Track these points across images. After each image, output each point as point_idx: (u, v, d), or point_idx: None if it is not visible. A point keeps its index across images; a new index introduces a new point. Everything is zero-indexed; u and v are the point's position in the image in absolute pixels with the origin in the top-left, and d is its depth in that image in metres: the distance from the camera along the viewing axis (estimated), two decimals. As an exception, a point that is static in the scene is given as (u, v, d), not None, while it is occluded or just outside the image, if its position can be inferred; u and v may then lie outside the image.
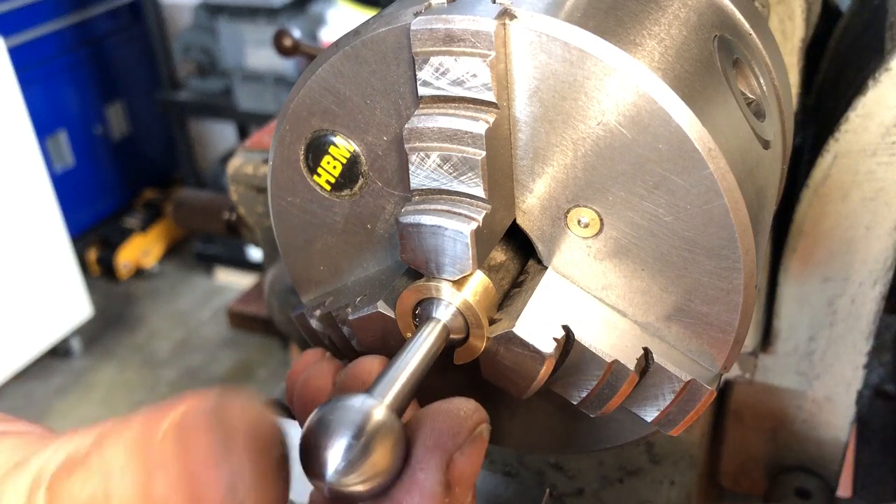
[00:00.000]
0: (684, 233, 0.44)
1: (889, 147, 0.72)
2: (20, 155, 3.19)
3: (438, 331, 0.45)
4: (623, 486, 0.84)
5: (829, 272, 0.79)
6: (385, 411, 0.38)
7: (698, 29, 0.49)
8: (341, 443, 0.36)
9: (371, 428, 0.37)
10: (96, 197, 4.25)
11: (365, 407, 0.38)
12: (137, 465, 0.34)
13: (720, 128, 0.44)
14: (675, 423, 0.49)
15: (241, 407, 0.35)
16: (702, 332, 0.47)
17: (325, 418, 0.37)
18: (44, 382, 3.55)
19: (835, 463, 0.90)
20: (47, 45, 3.82)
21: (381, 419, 0.38)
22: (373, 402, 0.38)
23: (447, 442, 0.39)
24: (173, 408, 0.35)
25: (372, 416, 0.37)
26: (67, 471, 0.35)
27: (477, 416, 0.41)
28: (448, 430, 0.39)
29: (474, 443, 0.40)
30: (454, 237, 0.44)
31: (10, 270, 3.18)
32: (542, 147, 0.45)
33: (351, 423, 0.37)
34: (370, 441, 0.37)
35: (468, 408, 0.41)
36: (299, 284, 0.57)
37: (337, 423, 0.37)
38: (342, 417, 0.37)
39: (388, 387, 0.41)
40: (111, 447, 0.35)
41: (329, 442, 0.36)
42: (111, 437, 0.35)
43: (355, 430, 0.37)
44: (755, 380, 0.87)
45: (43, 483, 0.35)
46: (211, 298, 4.06)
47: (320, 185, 0.52)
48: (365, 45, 0.46)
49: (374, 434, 0.37)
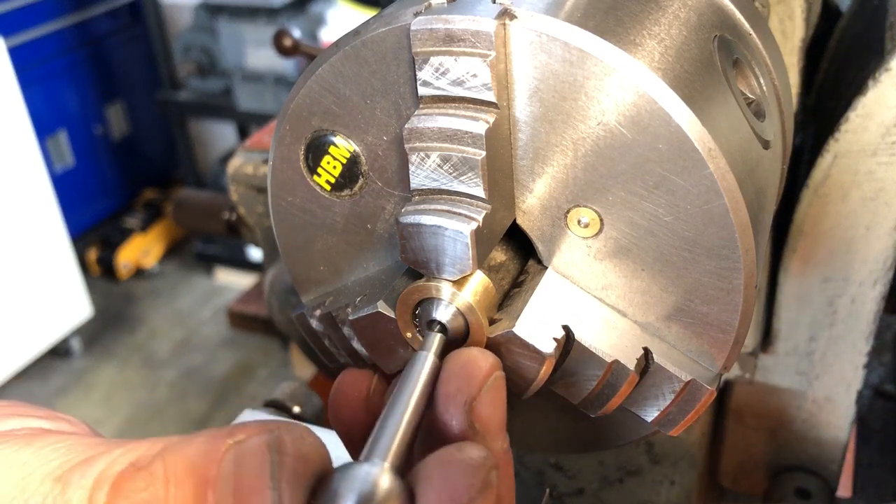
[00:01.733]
0: (684, 233, 0.44)
1: (889, 147, 0.72)
2: (20, 155, 3.19)
3: (430, 366, 0.45)
4: (623, 486, 0.84)
5: (829, 272, 0.79)
6: (389, 477, 0.38)
7: (698, 29, 0.49)
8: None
9: (380, 497, 0.37)
10: (96, 197, 4.25)
11: (371, 476, 0.38)
12: (196, 477, 0.37)
13: (720, 128, 0.44)
14: (675, 423, 0.49)
15: (295, 438, 0.39)
16: (702, 332, 0.47)
17: (333, 489, 0.38)
18: (44, 382, 3.55)
19: (835, 463, 0.90)
20: (47, 45, 3.82)
21: (387, 486, 0.38)
22: (376, 469, 0.38)
23: (462, 496, 0.38)
24: (237, 432, 0.39)
25: (379, 485, 0.38)
26: (132, 474, 0.38)
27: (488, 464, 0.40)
28: (462, 482, 0.39)
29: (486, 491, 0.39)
30: (454, 237, 0.44)
31: (10, 270, 3.18)
32: (542, 147, 0.45)
33: (359, 494, 0.37)
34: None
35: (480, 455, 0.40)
36: (299, 284, 0.57)
37: (345, 493, 0.37)
38: (350, 488, 0.37)
39: (388, 444, 0.40)
40: (174, 458, 0.38)
41: None
42: (175, 450, 0.38)
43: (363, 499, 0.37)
44: (755, 380, 0.87)
45: (107, 483, 0.38)
46: (211, 298, 4.06)
47: (320, 185, 0.52)
48: (365, 45, 0.46)
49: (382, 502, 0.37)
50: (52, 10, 3.85)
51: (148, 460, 0.39)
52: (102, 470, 0.38)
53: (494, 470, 0.40)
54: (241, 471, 0.37)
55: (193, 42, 3.73)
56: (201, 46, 3.72)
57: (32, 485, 0.38)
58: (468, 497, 0.38)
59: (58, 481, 0.38)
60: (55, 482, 0.38)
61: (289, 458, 0.38)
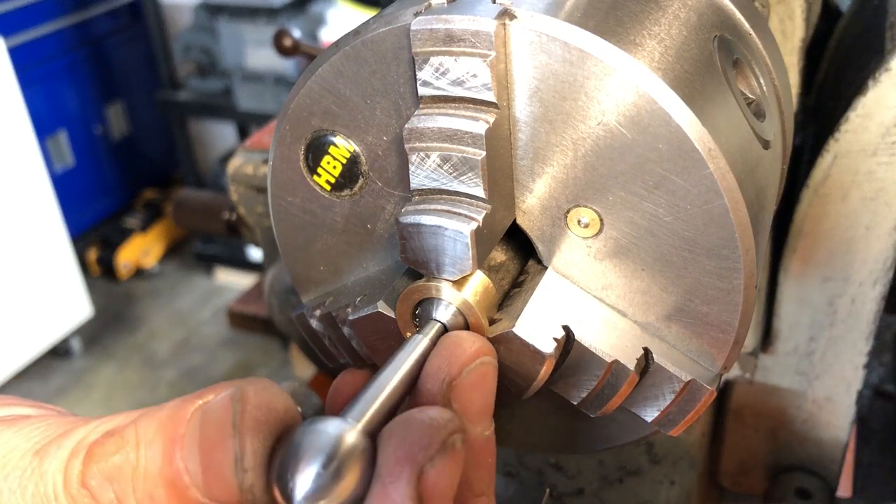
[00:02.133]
0: (684, 233, 0.44)
1: (889, 147, 0.72)
2: (20, 155, 3.19)
3: (421, 350, 0.45)
4: (623, 486, 0.84)
5: (829, 272, 0.79)
6: (356, 435, 0.38)
7: (698, 29, 0.49)
8: (311, 469, 0.36)
9: (342, 453, 0.37)
10: (96, 197, 4.25)
11: (337, 431, 0.37)
12: (165, 437, 0.39)
13: (720, 128, 0.44)
14: (675, 423, 0.49)
15: (258, 389, 0.40)
16: (702, 332, 0.47)
17: (295, 442, 0.37)
18: (44, 382, 3.55)
19: (835, 463, 0.90)
20: (47, 45, 3.82)
21: (351, 443, 0.37)
22: (346, 426, 0.38)
23: (417, 454, 0.38)
24: (206, 393, 0.40)
25: (343, 441, 0.37)
26: (104, 440, 0.40)
27: (450, 426, 0.40)
28: (419, 440, 0.38)
29: (446, 453, 0.39)
30: (454, 237, 0.44)
31: (10, 270, 3.18)
32: (542, 147, 0.45)
33: (321, 450, 0.36)
34: (340, 466, 0.36)
35: (441, 417, 0.40)
36: (299, 284, 0.57)
37: (307, 448, 0.37)
38: (313, 442, 0.37)
39: (365, 408, 0.40)
40: (145, 422, 0.40)
41: (298, 468, 0.36)
42: (147, 415, 0.40)
43: (325, 456, 0.36)
44: (755, 380, 0.87)
45: (82, 451, 0.39)
46: (211, 298, 4.06)
47: (320, 185, 0.52)
48: (365, 45, 0.46)
49: (344, 459, 0.37)
50: (52, 10, 3.85)
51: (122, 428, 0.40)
52: (79, 440, 0.40)
53: (458, 434, 0.40)
54: (205, 426, 0.38)
55: (193, 42, 3.73)
56: (201, 46, 3.72)
57: (13, 461, 0.40)
58: (424, 455, 0.38)
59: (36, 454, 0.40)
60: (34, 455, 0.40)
61: (250, 406, 0.39)
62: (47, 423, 0.42)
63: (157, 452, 0.38)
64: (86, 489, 0.38)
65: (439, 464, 0.38)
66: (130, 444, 0.39)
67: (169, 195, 4.40)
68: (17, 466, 0.39)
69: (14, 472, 0.39)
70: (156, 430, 0.39)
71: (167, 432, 0.39)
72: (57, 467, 0.39)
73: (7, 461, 0.40)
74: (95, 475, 0.38)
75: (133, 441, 0.39)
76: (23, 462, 0.39)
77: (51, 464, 0.39)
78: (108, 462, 0.39)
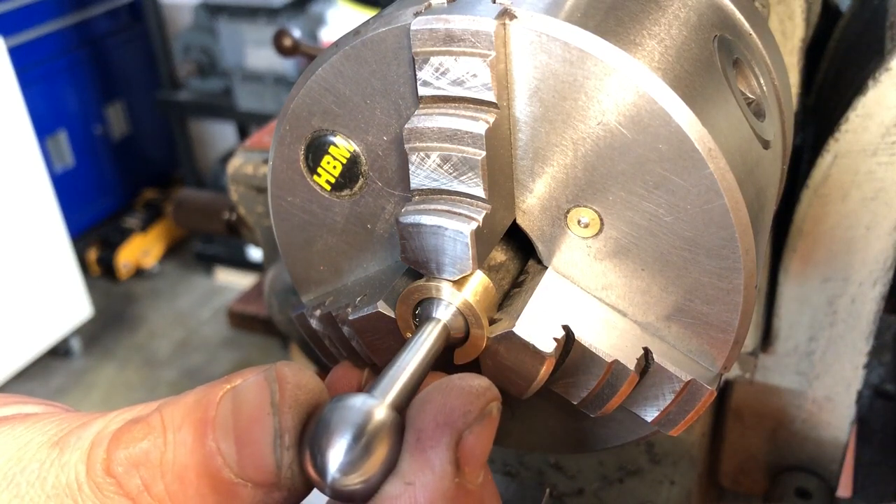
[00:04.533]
0: (684, 233, 0.44)
1: (889, 147, 0.72)
2: (20, 155, 3.19)
3: (439, 330, 0.45)
4: (623, 486, 0.84)
5: (829, 272, 0.79)
6: (386, 410, 0.38)
7: (698, 29, 0.49)
8: (343, 443, 0.37)
9: (372, 427, 0.37)
10: (96, 197, 4.26)
11: (366, 406, 0.38)
12: (194, 421, 0.39)
13: (720, 128, 0.44)
14: (676, 423, 0.49)
15: (294, 370, 0.40)
16: (702, 332, 0.47)
17: (325, 418, 0.38)
18: (44, 382, 3.55)
19: (835, 463, 0.90)
20: (47, 45, 3.83)
21: (382, 417, 0.38)
22: (374, 402, 0.38)
23: (457, 420, 0.38)
24: (234, 378, 0.41)
25: (373, 416, 0.38)
26: (129, 427, 0.40)
27: (489, 394, 0.40)
28: (459, 407, 0.39)
29: (484, 421, 0.39)
30: (454, 237, 0.44)
31: (10, 270, 3.18)
32: (542, 147, 0.45)
33: (353, 424, 0.37)
34: (371, 440, 0.37)
35: (480, 385, 0.40)
36: (299, 284, 0.57)
37: (338, 423, 0.37)
38: (344, 417, 0.37)
39: (390, 385, 0.41)
40: (170, 409, 0.40)
41: (331, 442, 0.37)
42: (172, 402, 0.40)
43: (356, 430, 0.37)
44: (755, 380, 0.87)
45: (105, 439, 0.39)
46: (211, 298, 4.06)
47: (320, 185, 0.52)
48: (365, 45, 0.46)
49: (375, 433, 0.37)
50: (52, 10, 3.86)
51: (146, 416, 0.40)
52: (99, 430, 0.40)
53: (496, 402, 0.40)
54: (240, 406, 0.38)
55: (193, 42, 3.73)
56: (201, 46, 3.72)
57: (29, 453, 0.39)
58: (464, 422, 0.38)
59: (55, 446, 0.39)
60: (52, 447, 0.39)
61: (289, 385, 0.39)
62: (60, 418, 0.42)
63: (186, 436, 0.38)
64: (112, 476, 0.38)
65: (477, 429, 0.38)
66: (157, 430, 0.39)
67: (169, 195, 4.40)
68: (34, 459, 0.39)
69: (31, 465, 0.39)
70: (183, 415, 0.39)
71: (196, 416, 0.39)
72: (79, 457, 0.39)
73: (23, 454, 0.39)
74: (122, 461, 0.38)
75: (159, 427, 0.39)
76: (40, 454, 0.39)
77: (72, 454, 0.39)
78: (135, 448, 0.39)
